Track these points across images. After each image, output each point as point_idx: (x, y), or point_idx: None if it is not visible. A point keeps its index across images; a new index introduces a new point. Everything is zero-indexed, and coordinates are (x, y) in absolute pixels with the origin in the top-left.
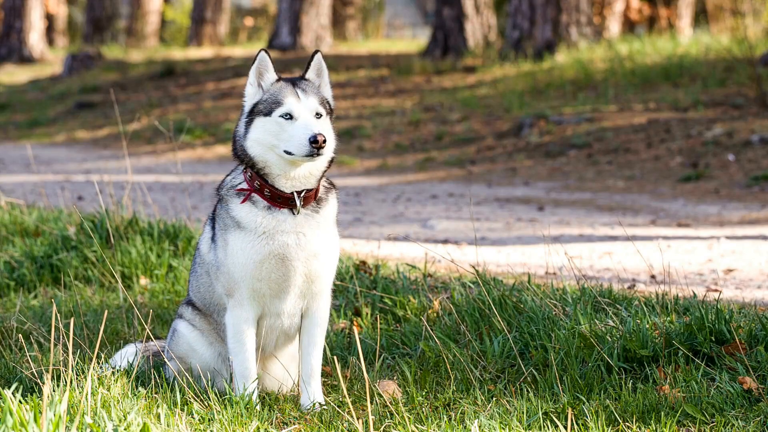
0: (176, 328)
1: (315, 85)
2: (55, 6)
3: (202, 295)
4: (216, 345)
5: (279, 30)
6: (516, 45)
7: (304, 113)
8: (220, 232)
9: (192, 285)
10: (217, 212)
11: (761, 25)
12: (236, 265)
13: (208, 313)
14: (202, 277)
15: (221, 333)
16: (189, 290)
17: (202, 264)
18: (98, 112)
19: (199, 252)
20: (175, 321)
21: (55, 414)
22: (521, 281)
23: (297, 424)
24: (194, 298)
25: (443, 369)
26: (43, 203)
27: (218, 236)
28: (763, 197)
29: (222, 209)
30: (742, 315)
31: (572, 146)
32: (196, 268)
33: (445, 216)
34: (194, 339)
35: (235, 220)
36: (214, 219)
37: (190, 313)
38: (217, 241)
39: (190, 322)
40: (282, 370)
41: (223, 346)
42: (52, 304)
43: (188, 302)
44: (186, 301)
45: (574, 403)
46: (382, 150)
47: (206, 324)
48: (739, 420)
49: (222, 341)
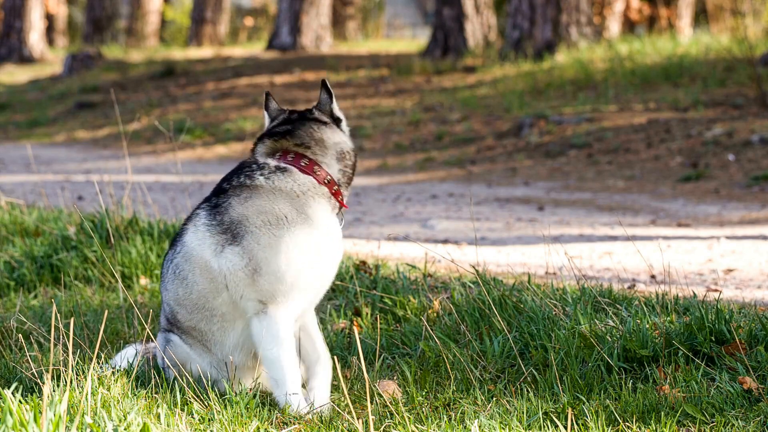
0: (170, 339)
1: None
2: (55, 6)
3: (193, 302)
4: (205, 356)
5: (279, 30)
6: (516, 45)
7: None
8: (268, 228)
9: (175, 294)
10: (254, 206)
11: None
12: (296, 263)
13: (192, 325)
14: (197, 284)
15: (208, 343)
16: (167, 301)
17: (202, 271)
18: (98, 112)
19: (189, 259)
20: (165, 333)
21: (55, 414)
22: (521, 281)
23: (297, 424)
24: (177, 308)
25: (443, 369)
26: (43, 203)
27: (262, 234)
28: (763, 197)
29: (273, 202)
30: (742, 315)
31: (572, 146)
32: (186, 275)
33: (445, 216)
34: (188, 351)
35: (306, 215)
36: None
37: (175, 329)
38: (259, 239)
39: (180, 336)
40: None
41: (212, 357)
42: (52, 304)
43: (167, 318)
44: (165, 316)
45: (574, 403)
46: (382, 150)
47: (190, 338)
48: (739, 420)
49: (210, 353)
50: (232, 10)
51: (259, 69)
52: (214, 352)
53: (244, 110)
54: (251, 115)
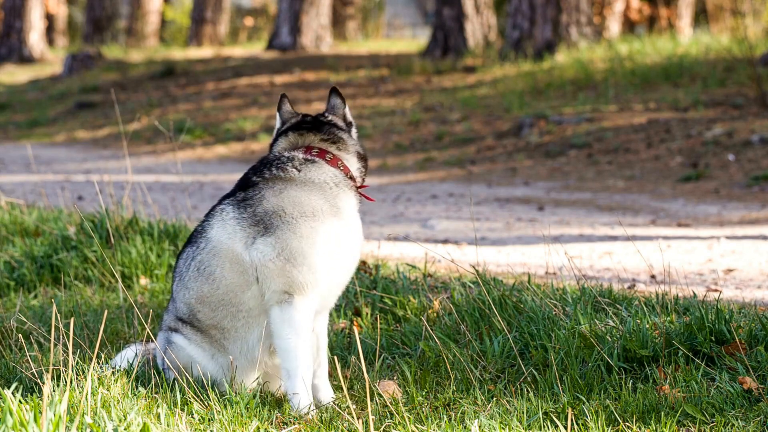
0: (172, 341)
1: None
2: (55, 6)
3: (220, 298)
4: (218, 358)
5: (279, 30)
6: (516, 45)
7: None
8: (304, 219)
9: (198, 292)
10: (288, 197)
11: (761, 25)
12: (327, 254)
13: (213, 324)
14: (226, 279)
15: (226, 341)
16: (185, 301)
17: (232, 264)
18: (98, 112)
19: (217, 254)
20: (168, 333)
21: (55, 414)
22: (521, 281)
23: (297, 424)
24: (199, 306)
25: (443, 369)
26: (43, 203)
27: (296, 223)
28: (763, 197)
29: (307, 193)
30: (742, 315)
31: (572, 146)
32: (213, 270)
33: (445, 216)
34: (194, 352)
35: (338, 207)
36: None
37: (187, 330)
38: (294, 229)
39: (189, 337)
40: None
41: (225, 358)
42: (52, 304)
43: (181, 318)
44: (178, 316)
45: (574, 403)
46: (382, 150)
47: (207, 338)
48: (739, 420)
49: (225, 352)
50: (232, 10)
51: (259, 69)
52: (230, 351)
53: (244, 110)
54: (251, 115)
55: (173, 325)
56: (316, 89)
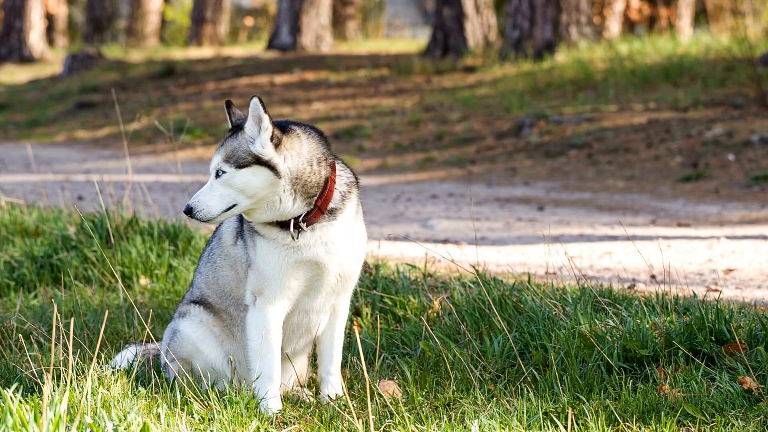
0: (178, 329)
1: (237, 136)
2: (55, 6)
3: (221, 288)
4: (226, 344)
5: (279, 30)
6: (516, 45)
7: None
8: (248, 232)
9: (206, 277)
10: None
11: (761, 25)
12: (267, 264)
13: (223, 308)
14: (223, 269)
15: (235, 328)
16: (198, 285)
17: (226, 257)
18: (98, 112)
19: (220, 243)
20: (176, 322)
21: (55, 414)
22: (521, 281)
23: (297, 424)
24: (208, 291)
25: (443, 369)
26: (43, 203)
27: (247, 235)
28: (763, 197)
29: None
30: (742, 315)
31: (572, 146)
32: (215, 259)
33: (445, 216)
34: (201, 339)
35: (254, 229)
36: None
37: (198, 311)
38: (246, 239)
39: (199, 320)
40: (284, 369)
41: (233, 344)
42: (52, 304)
43: (195, 300)
44: (191, 299)
45: (574, 403)
46: (382, 150)
47: (218, 321)
48: (739, 420)
49: (234, 339)
50: (232, 10)
51: (259, 69)
52: (238, 339)
53: (244, 110)
54: None
55: (184, 309)
56: (316, 89)
